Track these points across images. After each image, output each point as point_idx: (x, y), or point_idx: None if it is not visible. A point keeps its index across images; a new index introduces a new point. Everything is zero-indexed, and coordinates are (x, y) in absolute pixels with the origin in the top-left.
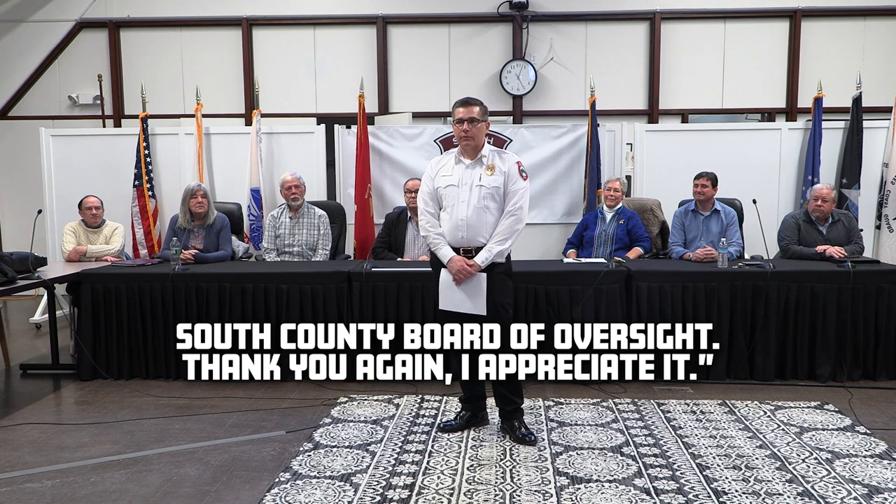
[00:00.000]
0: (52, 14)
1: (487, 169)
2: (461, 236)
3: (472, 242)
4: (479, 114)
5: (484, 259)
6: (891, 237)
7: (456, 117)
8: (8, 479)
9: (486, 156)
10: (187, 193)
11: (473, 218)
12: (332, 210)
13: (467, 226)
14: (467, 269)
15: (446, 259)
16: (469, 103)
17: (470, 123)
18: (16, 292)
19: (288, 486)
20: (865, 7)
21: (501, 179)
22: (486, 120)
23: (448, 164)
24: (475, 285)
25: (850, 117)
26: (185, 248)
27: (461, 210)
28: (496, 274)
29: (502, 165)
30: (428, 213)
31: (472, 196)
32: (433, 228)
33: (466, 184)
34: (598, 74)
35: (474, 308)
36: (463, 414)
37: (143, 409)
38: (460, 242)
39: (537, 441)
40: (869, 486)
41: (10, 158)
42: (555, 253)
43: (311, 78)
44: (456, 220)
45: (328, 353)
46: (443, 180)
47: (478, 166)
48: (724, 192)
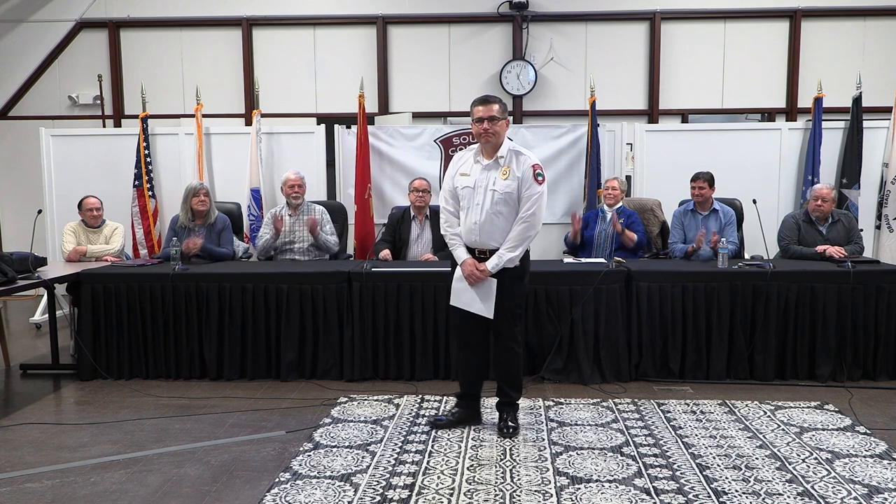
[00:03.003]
0: (52, 14)
1: (503, 172)
2: (475, 239)
3: (485, 245)
4: (498, 112)
5: (494, 265)
6: (891, 237)
7: (475, 116)
8: (8, 479)
9: (503, 156)
10: (189, 192)
11: (486, 222)
12: (333, 210)
13: (480, 230)
14: (477, 273)
15: (460, 260)
16: (488, 101)
17: (490, 122)
18: (16, 292)
19: (288, 486)
20: (865, 7)
21: (515, 184)
22: (507, 118)
23: (468, 163)
24: (486, 289)
25: (850, 117)
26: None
27: (475, 214)
28: (507, 278)
29: (517, 169)
30: (448, 211)
31: (485, 200)
32: (451, 228)
33: (482, 186)
34: (598, 74)
35: (482, 310)
36: (455, 411)
37: (143, 409)
38: (475, 244)
39: (516, 434)
40: (869, 486)
41: (10, 158)
42: (555, 253)
43: (311, 78)
44: (469, 224)
45: (328, 353)
46: (461, 180)
47: (494, 168)
48: (724, 192)
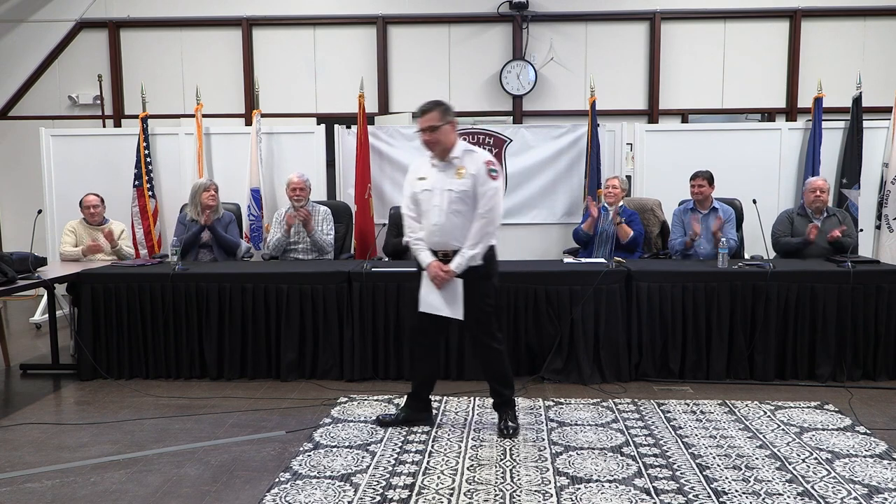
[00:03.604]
0: (52, 14)
1: (457, 172)
2: (436, 241)
3: (447, 246)
4: (437, 119)
5: (458, 265)
6: (891, 237)
7: (417, 128)
8: (8, 479)
9: (457, 157)
10: (199, 187)
11: (445, 223)
12: (338, 209)
13: (440, 231)
14: (442, 275)
15: (425, 264)
16: (424, 111)
17: (430, 132)
18: (16, 292)
19: (288, 486)
20: (865, 7)
21: (470, 182)
22: (451, 119)
23: (424, 167)
24: (452, 290)
25: (850, 117)
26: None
27: (434, 215)
28: (472, 278)
29: (471, 166)
30: (409, 217)
31: (443, 201)
32: (413, 233)
33: (439, 188)
34: (598, 74)
35: (451, 312)
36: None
37: (143, 409)
38: (437, 246)
39: (516, 434)
40: (869, 486)
41: (10, 158)
42: (555, 253)
43: (311, 78)
44: (430, 226)
45: (328, 353)
46: (419, 184)
47: (449, 169)
48: (724, 192)
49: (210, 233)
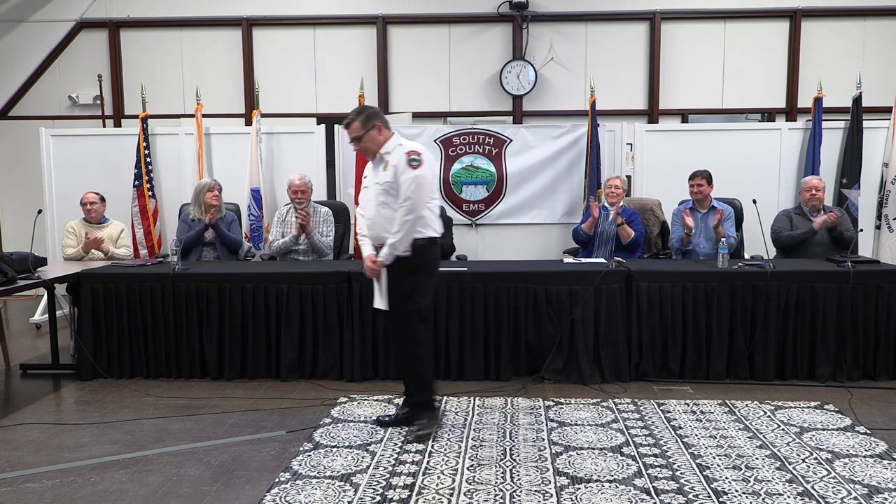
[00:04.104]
0: (52, 14)
1: (384, 166)
2: (371, 234)
3: (380, 238)
4: (358, 129)
5: (384, 255)
6: (891, 237)
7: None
8: (8, 479)
9: (388, 151)
10: (203, 187)
11: (375, 216)
12: (336, 209)
13: (373, 224)
14: (369, 265)
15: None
16: (348, 124)
17: (357, 142)
18: (16, 292)
19: (288, 486)
20: (865, 7)
21: (392, 173)
22: (375, 123)
23: (368, 167)
24: (381, 281)
25: (850, 117)
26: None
27: (367, 210)
28: (398, 270)
29: (394, 159)
30: (359, 214)
31: (373, 195)
32: (360, 230)
33: (372, 183)
34: (598, 74)
35: (381, 303)
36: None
37: (143, 409)
38: (375, 240)
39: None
40: (869, 486)
41: (10, 158)
42: (555, 253)
43: (311, 78)
44: (366, 221)
45: (328, 353)
46: (363, 183)
47: (380, 164)
48: (724, 192)
49: (214, 231)
